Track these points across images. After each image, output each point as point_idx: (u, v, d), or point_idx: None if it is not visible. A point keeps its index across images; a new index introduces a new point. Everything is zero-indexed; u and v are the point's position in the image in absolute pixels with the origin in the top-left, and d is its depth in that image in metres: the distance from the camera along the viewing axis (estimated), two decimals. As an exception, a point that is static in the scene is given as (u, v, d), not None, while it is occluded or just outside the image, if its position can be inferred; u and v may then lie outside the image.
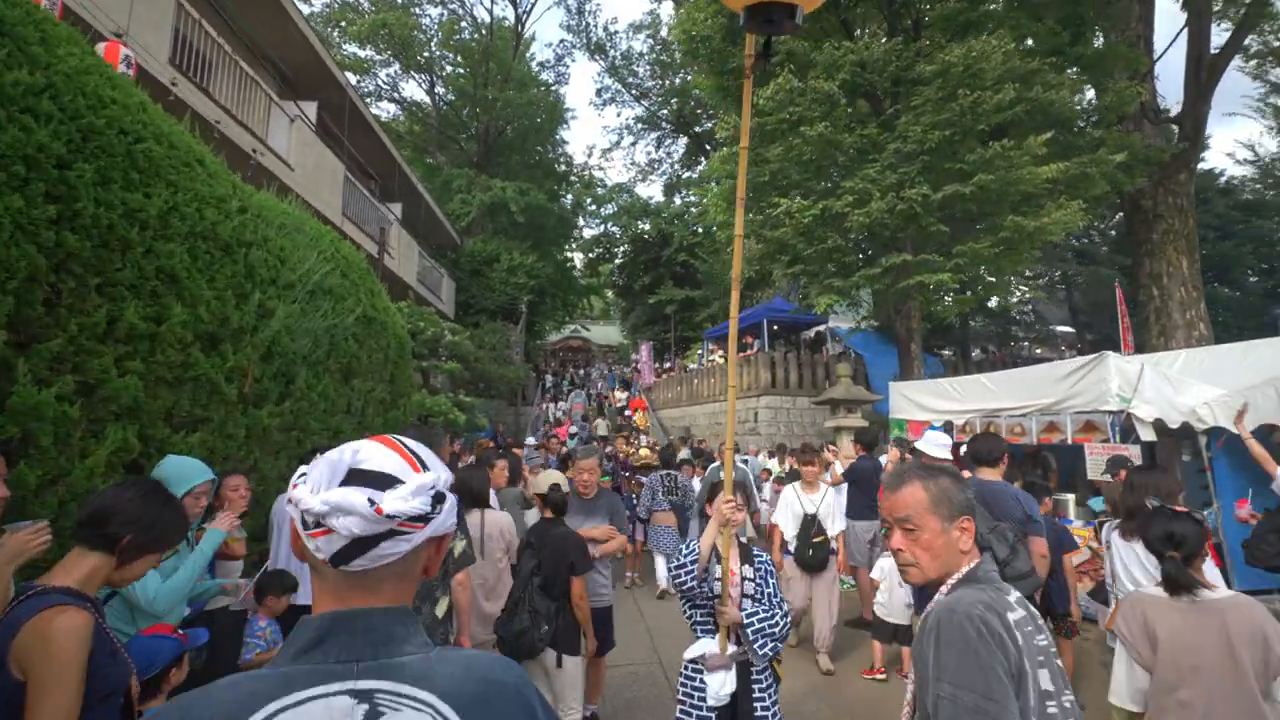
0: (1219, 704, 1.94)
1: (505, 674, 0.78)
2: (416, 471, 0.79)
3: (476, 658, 0.79)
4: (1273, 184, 21.82)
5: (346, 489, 0.72)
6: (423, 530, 0.77)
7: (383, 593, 0.76)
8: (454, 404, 10.75)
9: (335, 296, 5.21)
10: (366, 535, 0.72)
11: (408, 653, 0.73)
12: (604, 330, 40.61)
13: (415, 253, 16.85)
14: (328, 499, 0.71)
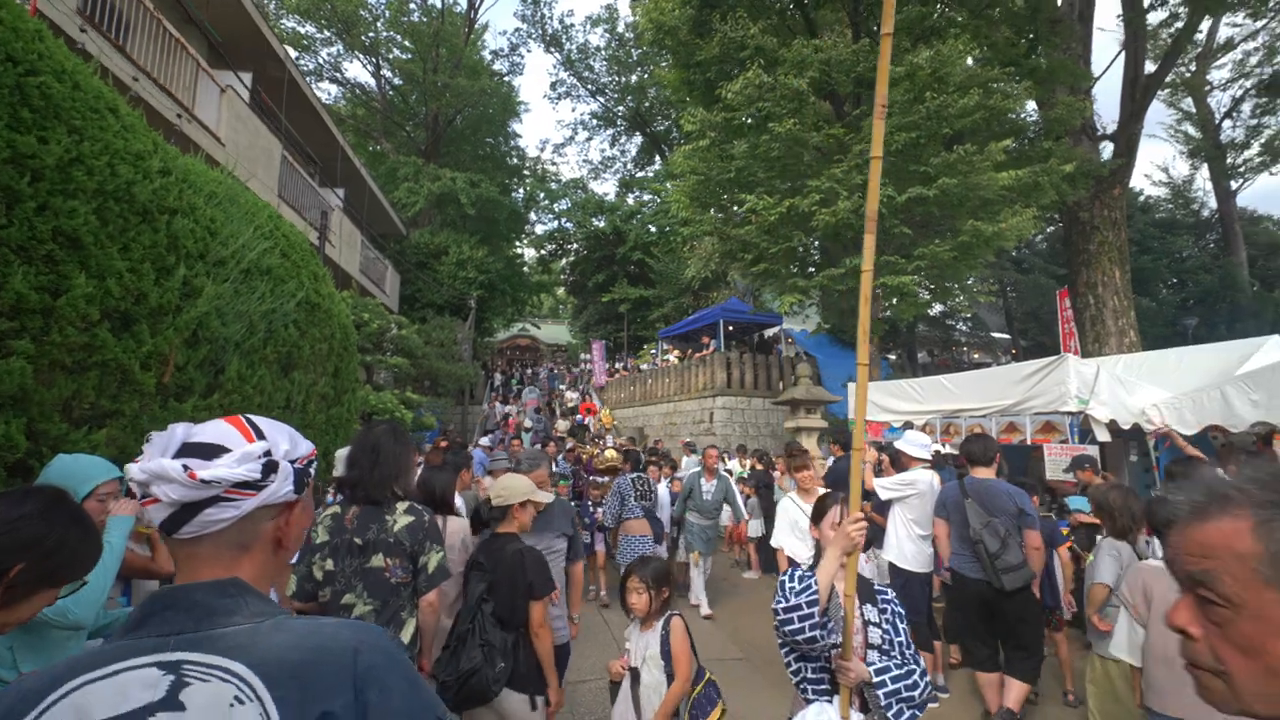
0: None
1: (342, 641, 0.76)
2: (250, 441, 0.82)
3: (318, 627, 0.78)
4: (1183, 204, 23.58)
5: (169, 460, 0.76)
6: (253, 497, 0.79)
7: (220, 561, 0.79)
8: (400, 401, 10.11)
9: (274, 278, 4.66)
10: (189, 501, 0.76)
11: (233, 624, 0.74)
12: (553, 329, 39.97)
13: (358, 242, 15.92)
14: (145, 467, 0.76)
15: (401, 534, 2.33)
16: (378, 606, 2.29)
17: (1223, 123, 22.49)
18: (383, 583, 2.29)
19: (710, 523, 6.64)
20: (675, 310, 22.76)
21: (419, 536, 2.33)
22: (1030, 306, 19.71)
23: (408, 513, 2.37)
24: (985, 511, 3.73)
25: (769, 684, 4.61)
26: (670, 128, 28.39)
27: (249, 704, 0.68)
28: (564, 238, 28.83)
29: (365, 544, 2.32)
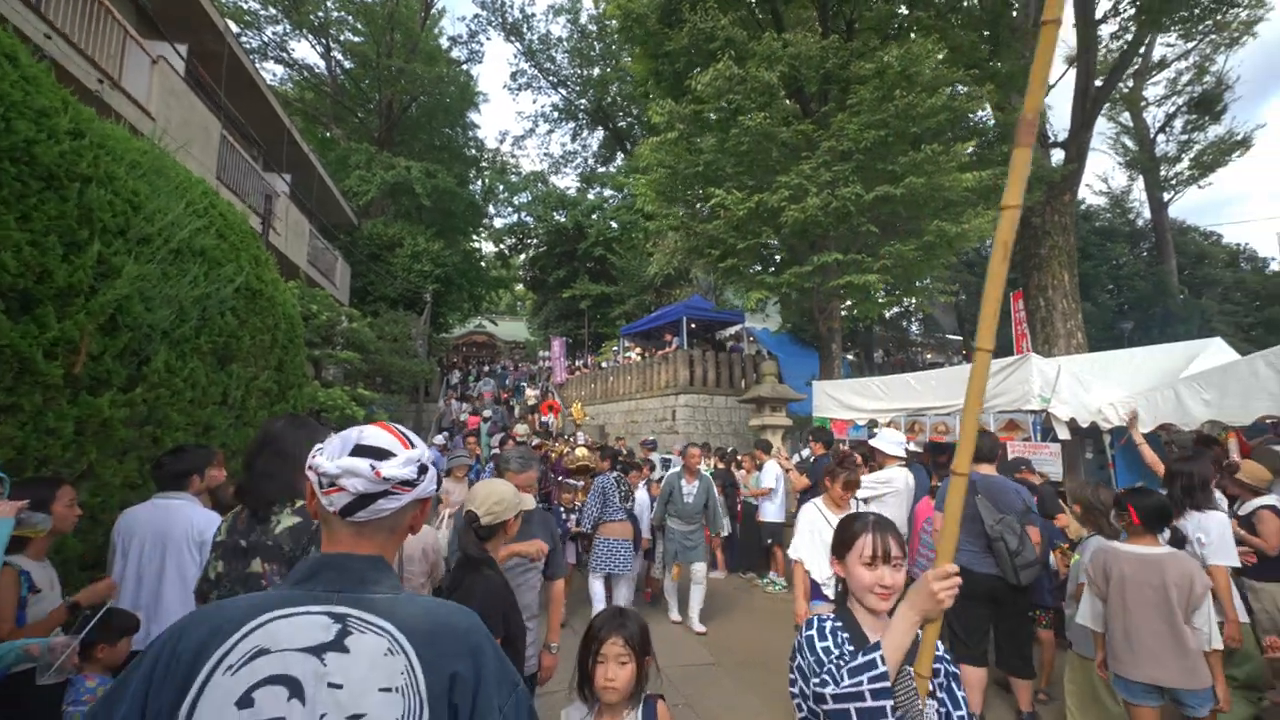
0: (1146, 624, 2.79)
1: (457, 620, 0.96)
2: (406, 448, 1.03)
3: (437, 605, 0.98)
4: (1121, 214, 24.82)
5: (354, 458, 0.97)
6: (410, 493, 1.02)
7: (375, 540, 1.01)
8: (351, 398, 9.57)
9: (209, 260, 4.21)
10: (368, 493, 0.97)
11: (380, 592, 0.94)
12: (511, 326, 39.21)
13: (306, 231, 15.11)
14: (340, 464, 0.96)
15: (282, 537, 2.00)
16: None
17: (1157, 137, 23.77)
18: (259, 590, 1.99)
19: (692, 528, 5.95)
20: (637, 307, 22.56)
21: (303, 541, 2.01)
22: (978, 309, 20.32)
23: (296, 513, 2.04)
24: (996, 508, 3.70)
25: (742, 689, 4.46)
26: (633, 124, 28.17)
27: (398, 656, 0.86)
28: (524, 232, 28.23)
29: (248, 547, 2.03)
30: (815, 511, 3.80)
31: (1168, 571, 2.77)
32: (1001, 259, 1.39)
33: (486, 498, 2.38)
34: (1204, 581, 2.76)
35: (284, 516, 2.06)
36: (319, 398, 8.80)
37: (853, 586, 1.62)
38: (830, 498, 3.83)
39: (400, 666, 0.86)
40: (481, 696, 0.91)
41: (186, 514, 2.96)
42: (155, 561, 2.90)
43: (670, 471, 6.72)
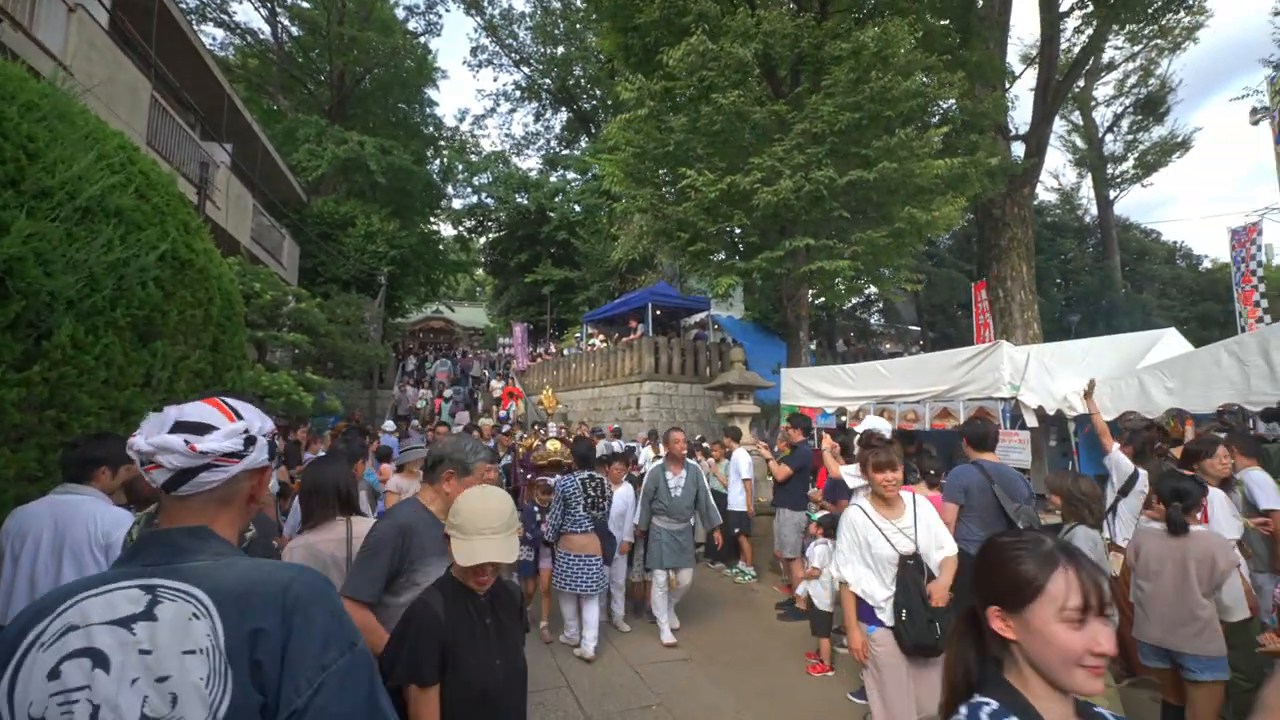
0: (1161, 594, 3.07)
1: (276, 577, 0.97)
2: (231, 420, 1.05)
3: (257, 566, 0.99)
4: (1070, 210, 25.71)
5: (170, 435, 1.00)
6: (237, 465, 1.04)
7: (205, 512, 1.04)
8: (299, 383, 8.98)
9: (127, 223, 3.72)
10: (187, 468, 1.00)
11: (196, 560, 0.97)
12: (469, 312, 38.22)
13: (249, 206, 14.16)
14: (154, 442, 0.99)
15: None
16: None
17: (1105, 136, 24.65)
18: None
19: (682, 526, 5.14)
20: (601, 293, 22.18)
21: None
22: (939, 299, 20.78)
23: None
24: (1010, 497, 3.65)
25: (719, 688, 4.27)
26: (597, 107, 27.58)
27: (203, 619, 0.91)
28: (484, 214, 27.40)
29: None
30: (860, 515, 3.07)
31: (1190, 549, 3.01)
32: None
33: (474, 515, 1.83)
34: (1227, 558, 2.96)
35: None
36: (262, 381, 8.20)
37: (1040, 654, 1.06)
38: (876, 498, 3.10)
39: (205, 629, 0.91)
40: (293, 651, 0.92)
41: (90, 511, 2.55)
42: (51, 567, 2.48)
43: (652, 464, 5.80)
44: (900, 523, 2.99)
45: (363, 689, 0.94)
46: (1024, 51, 21.87)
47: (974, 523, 3.79)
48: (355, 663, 0.95)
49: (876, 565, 2.96)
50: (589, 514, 4.64)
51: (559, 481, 4.81)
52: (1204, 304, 23.64)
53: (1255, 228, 9.66)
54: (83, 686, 0.87)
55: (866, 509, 3.08)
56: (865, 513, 3.07)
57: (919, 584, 2.86)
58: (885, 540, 2.95)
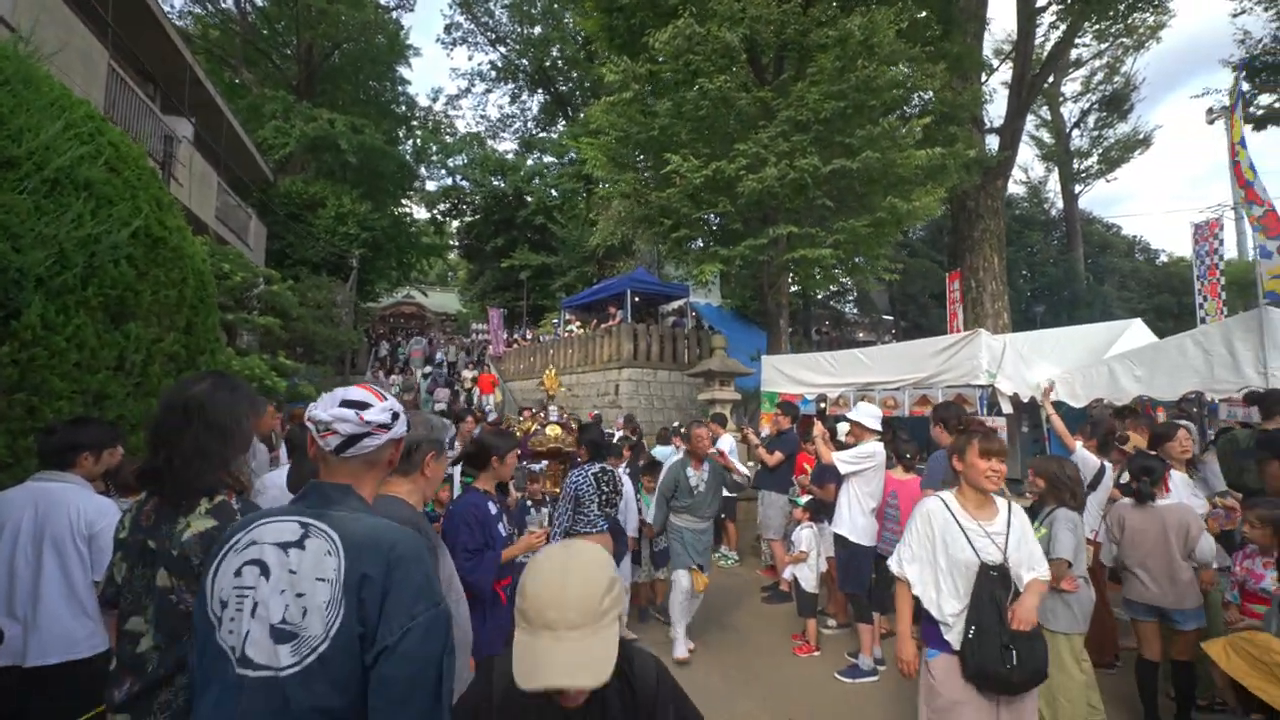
0: (1152, 563, 3.47)
1: (389, 536, 1.23)
2: (380, 400, 1.37)
3: (381, 525, 1.26)
4: (1037, 203, 26.37)
5: (342, 408, 1.30)
6: (385, 434, 1.35)
7: (356, 473, 1.35)
8: (271, 368, 8.72)
9: (98, 197, 3.53)
10: (354, 434, 1.30)
11: (340, 510, 1.26)
12: (441, 297, 37.57)
13: (214, 184, 13.62)
14: (331, 413, 1.29)
15: (190, 545, 1.57)
16: (161, 644, 1.59)
17: (1072, 132, 25.29)
18: (170, 609, 1.59)
19: (705, 525, 4.71)
20: (578, 279, 22.02)
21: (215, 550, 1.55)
22: (912, 289, 21.17)
23: (211, 514, 1.62)
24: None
25: (702, 665, 4.32)
26: (574, 89, 27.18)
27: (333, 557, 1.18)
28: (459, 197, 26.85)
29: (156, 551, 1.62)
30: (940, 509, 2.53)
31: (1167, 519, 3.43)
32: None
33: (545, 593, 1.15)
34: (1199, 525, 3.44)
35: (194, 519, 1.62)
36: (233, 366, 7.93)
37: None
38: (968, 493, 2.55)
39: (334, 564, 1.18)
40: (392, 600, 1.16)
41: (72, 499, 2.44)
42: (31, 557, 2.37)
43: (672, 459, 5.34)
44: (990, 526, 2.48)
45: (439, 641, 1.17)
46: (996, 46, 22.26)
47: None
48: (438, 619, 1.18)
49: (950, 570, 2.45)
50: (603, 512, 4.08)
51: (571, 477, 4.21)
52: (1160, 296, 24.57)
53: (1217, 223, 10.05)
54: (252, 587, 1.20)
55: (951, 503, 2.55)
56: (949, 507, 2.53)
57: (998, 600, 2.35)
58: (968, 543, 2.44)
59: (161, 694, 1.59)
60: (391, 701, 1.11)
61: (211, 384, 1.76)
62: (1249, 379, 5.18)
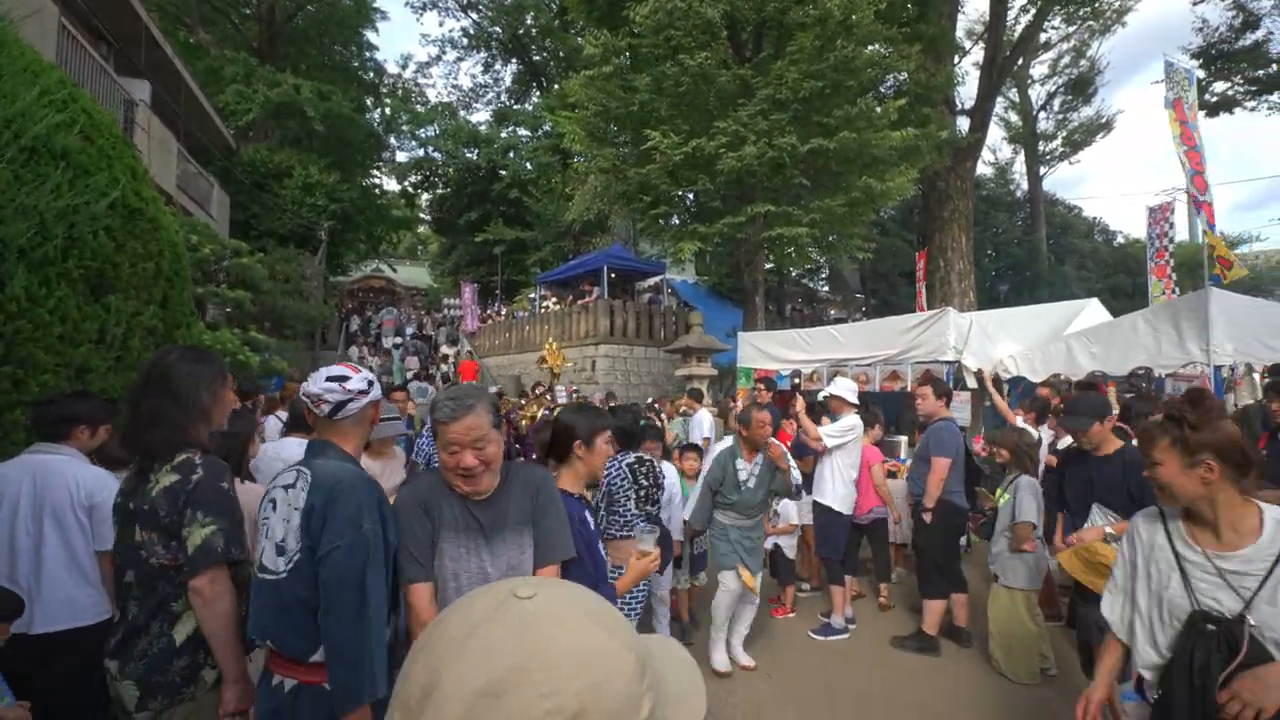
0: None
1: (335, 475, 1.67)
2: (355, 373, 1.79)
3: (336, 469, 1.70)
4: (1004, 184, 26.95)
5: (328, 382, 1.73)
6: (365, 397, 1.78)
7: (345, 431, 1.80)
8: (244, 342, 8.58)
9: (75, 167, 3.45)
10: (342, 400, 1.73)
11: (321, 459, 1.72)
12: (411, 271, 36.83)
13: (174, 150, 13.09)
14: (322, 387, 1.72)
15: (158, 500, 1.74)
16: (138, 595, 1.79)
17: (1038, 114, 25.79)
18: (143, 562, 1.77)
19: (753, 522, 4.00)
20: (553, 254, 21.86)
21: (178, 503, 1.74)
22: (883, 268, 21.59)
23: (175, 470, 1.77)
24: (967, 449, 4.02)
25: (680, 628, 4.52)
26: (549, 59, 26.58)
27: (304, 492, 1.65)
28: (431, 169, 26.22)
29: (134, 510, 1.79)
30: (1156, 530, 1.77)
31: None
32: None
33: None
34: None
35: (162, 474, 1.76)
36: (205, 340, 7.78)
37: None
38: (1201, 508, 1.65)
39: (303, 499, 1.64)
40: (328, 524, 1.60)
41: (70, 471, 2.47)
42: (32, 529, 2.40)
43: (719, 447, 4.49)
44: (1229, 561, 1.59)
45: (360, 558, 1.57)
46: (969, 27, 22.45)
47: (953, 474, 4.16)
48: (359, 540, 1.59)
49: (1158, 611, 1.71)
50: (642, 510, 3.46)
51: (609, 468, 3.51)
52: (1116, 276, 25.49)
53: (1169, 206, 10.49)
54: (268, 518, 1.69)
55: (1172, 524, 1.73)
56: (1167, 529, 1.74)
57: (1209, 671, 1.54)
58: (1183, 587, 1.64)
59: (139, 642, 1.75)
60: (328, 596, 1.56)
61: (178, 355, 1.93)
62: (1193, 355, 5.56)
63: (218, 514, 1.75)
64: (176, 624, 1.77)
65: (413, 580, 1.71)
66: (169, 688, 1.74)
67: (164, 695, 1.73)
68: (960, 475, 4.22)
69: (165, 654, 1.74)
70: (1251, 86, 13.47)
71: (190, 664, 1.77)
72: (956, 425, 4.29)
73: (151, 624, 1.76)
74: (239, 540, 1.80)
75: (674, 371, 11.50)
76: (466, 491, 1.75)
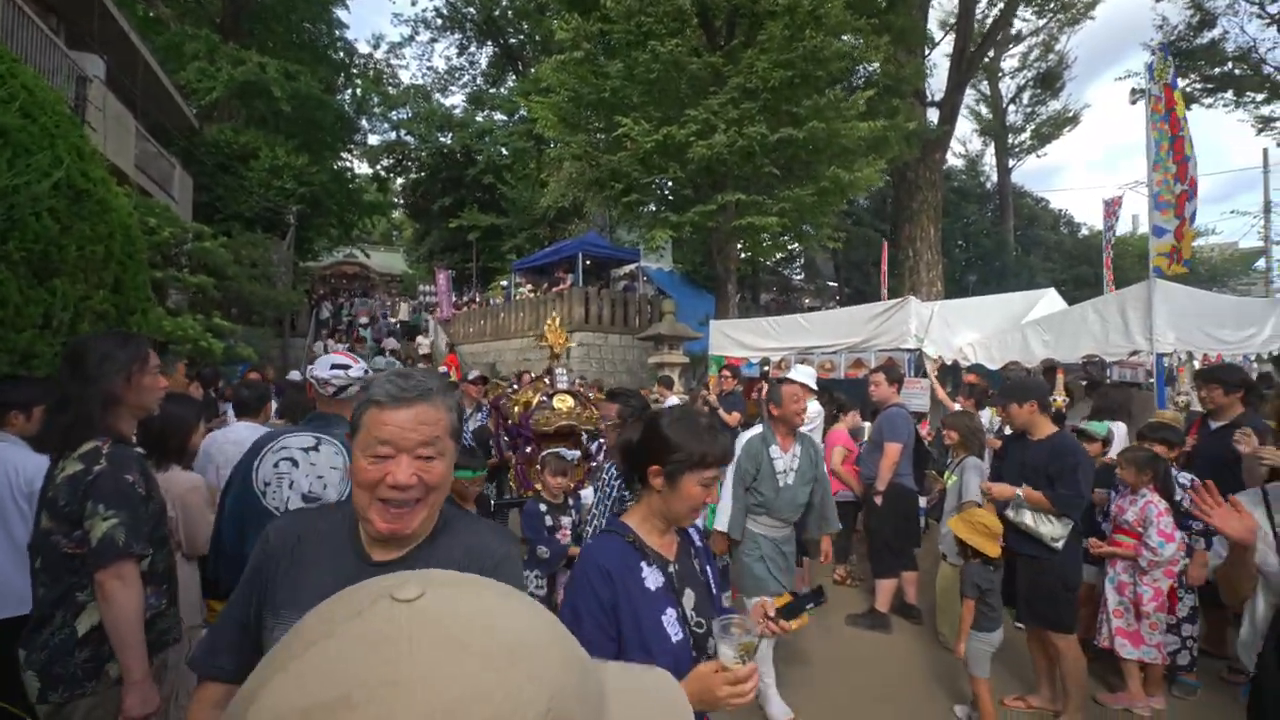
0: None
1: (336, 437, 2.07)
2: (355, 363, 2.27)
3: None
4: (974, 176, 27.39)
5: (334, 370, 2.20)
6: (360, 382, 2.18)
7: (344, 406, 2.15)
8: (206, 329, 8.41)
9: (14, 146, 3.36)
10: (345, 384, 2.19)
11: (336, 429, 2.11)
12: (386, 257, 36.23)
13: (131, 128, 12.67)
14: (329, 373, 2.20)
15: (61, 486, 1.70)
16: (46, 582, 1.72)
17: (1008, 107, 26.21)
18: (50, 550, 1.72)
19: (787, 532, 3.34)
20: (529, 241, 21.70)
21: (78, 493, 1.69)
22: (856, 257, 21.86)
23: (80, 458, 1.72)
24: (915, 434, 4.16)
25: None
26: (524, 43, 26.16)
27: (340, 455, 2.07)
28: (404, 153, 25.71)
29: (47, 498, 1.76)
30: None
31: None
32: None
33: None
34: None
35: (68, 462, 1.72)
36: (164, 326, 7.61)
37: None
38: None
39: (343, 459, 2.05)
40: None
41: (8, 457, 2.46)
42: (-28, 514, 2.37)
43: (749, 433, 3.47)
44: None
45: None
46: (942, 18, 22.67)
47: (904, 458, 4.29)
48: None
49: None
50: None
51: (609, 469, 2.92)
52: (1080, 267, 26.16)
53: (1119, 200, 10.78)
54: (286, 473, 2.01)
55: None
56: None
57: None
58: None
59: (44, 631, 1.70)
60: None
61: (95, 339, 1.91)
62: (1138, 344, 5.78)
63: (119, 507, 1.68)
64: (81, 615, 1.71)
65: (204, 672, 1.15)
66: (70, 680, 1.68)
67: (65, 688, 1.67)
68: (910, 459, 4.36)
69: (67, 645, 1.69)
70: (1209, 84, 13.86)
71: (93, 657, 1.71)
72: (907, 411, 4.42)
73: (56, 614, 1.71)
74: (141, 534, 1.72)
75: (647, 359, 11.56)
76: (382, 532, 1.08)
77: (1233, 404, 3.72)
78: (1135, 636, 3.26)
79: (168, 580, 1.91)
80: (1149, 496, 3.34)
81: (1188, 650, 3.43)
